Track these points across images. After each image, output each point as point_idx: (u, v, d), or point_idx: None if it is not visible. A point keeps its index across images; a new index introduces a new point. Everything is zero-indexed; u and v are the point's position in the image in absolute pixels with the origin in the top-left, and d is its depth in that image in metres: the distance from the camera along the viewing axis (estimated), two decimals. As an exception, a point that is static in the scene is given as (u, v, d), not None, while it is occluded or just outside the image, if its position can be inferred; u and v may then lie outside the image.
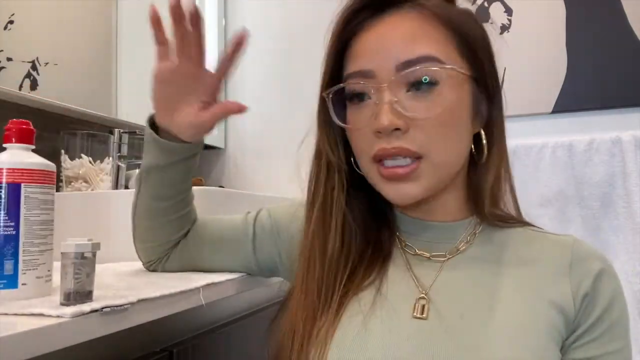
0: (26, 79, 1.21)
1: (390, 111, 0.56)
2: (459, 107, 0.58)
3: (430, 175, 0.58)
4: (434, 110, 0.56)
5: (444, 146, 0.57)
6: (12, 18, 1.17)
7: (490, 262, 0.60)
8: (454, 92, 0.57)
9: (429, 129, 0.56)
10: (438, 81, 0.56)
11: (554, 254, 0.60)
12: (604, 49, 1.59)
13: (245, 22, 2.00)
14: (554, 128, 1.63)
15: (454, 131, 0.58)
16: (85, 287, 0.51)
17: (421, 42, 0.56)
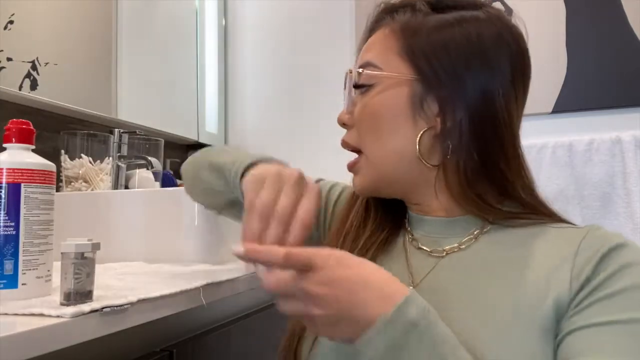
0: (26, 79, 1.21)
1: (346, 107, 0.65)
2: (389, 108, 0.61)
3: (368, 170, 0.63)
4: (365, 110, 0.62)
5: (375, 144, 0.62)
6: (12, 18, 1.17)
7: (489, 261, 0.59)
8: (385, 94, 0.61)
9: (362, 127, 0.63)
10: (372, 85, 0.62)
11: (562, 248, 0.56)
12: (604, 49, 1.59)
13: (245, 22, 2.00)
14: (554, 128, 1.63)
15: (383, 131, 0.61)
16: (85, 287, 0.51)
17: (369, 50, 0.64)
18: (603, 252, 0.53)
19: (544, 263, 0.56)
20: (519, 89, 0.67)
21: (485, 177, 0.60)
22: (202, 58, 1.90)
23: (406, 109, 0.60)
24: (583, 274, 0.52)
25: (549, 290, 0.53)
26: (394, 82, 0.61)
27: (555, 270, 0.54)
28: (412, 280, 0.60)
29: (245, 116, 1.98)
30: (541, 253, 0.57)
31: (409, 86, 0.60)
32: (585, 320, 0.50)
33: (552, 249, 0.57)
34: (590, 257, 0.53)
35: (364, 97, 0.63)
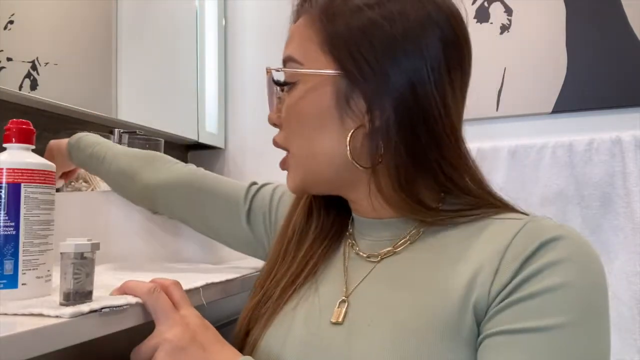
0: (26, 79, 1.21)
1: (273, 107, 0.64)
2: (314, 107, 0.58)
3: (297, 168, 0.61)
4: (289, 110, 0.60)
5: (300, 143, 0.60)
6: (12, 18, 1.17)
7: (419, 261, 0.55)
8: (309, 92, 0.58)
9: (287, 126, 0.61)
10: (296, 81, 0.59)
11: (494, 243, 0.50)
12: (604, 49, 1.59)
13: (245, 22, 2.00)
14: (554, 128, 1.63)
15: (310, 130, 0.59)
16: (84, 287, 0.51)
17: (289, 43, 0.61)
18: (532, 249, 0.47)
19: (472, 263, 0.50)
20: (455, 77, 0.56)
21: (420, 177, 0.55)
22: (202, 58, 1.90)
23: (332, 107, 0.56)
24: (506, 274, 0.47)
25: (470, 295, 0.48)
26: (316, 78, 0.57)
27: (480, 271, 0.49)
28: (346, 289, 0.58)
29: (245, 116, 1.98)
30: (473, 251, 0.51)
31: (333, 82, 0.56)
32: (498, 326, 0.46)
33: (485, 245, 0.51)
34: (518, 254, 0.47)
35: (288, 96, 0.60)
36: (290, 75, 0.60)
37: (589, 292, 0.45)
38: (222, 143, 1.97)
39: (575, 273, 0.45)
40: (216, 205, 0.80)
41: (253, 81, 1.98)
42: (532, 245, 0.47)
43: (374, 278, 0.58)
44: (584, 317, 0.44)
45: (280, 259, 0.66)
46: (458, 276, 0.50)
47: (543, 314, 0.44)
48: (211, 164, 1.98)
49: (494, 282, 0.47)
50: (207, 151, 1.96)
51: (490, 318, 0.46)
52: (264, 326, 0.61)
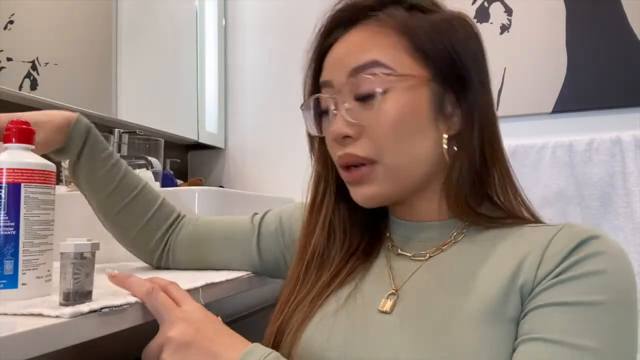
0: (26, 79, 1.21)
1: (341, 119, 0.59)
2: (412, 111, 0.58)
3: (385, 178, 0.59)
4: (382, 117, 0.58)
5: (395, 151, 0.58)
6: (12, 18, 1.17)
7: (465, 259, 0.59)
8: (405, 97, 0.58)
9: (379, 136, 0.58)
10: (387, 88, 0.58)
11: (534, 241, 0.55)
12: (604, 49, 1.59)
13: (245, 22, 2.00)
14: (554, 128, 1.63)
15: (407, 135, 0.58)
16: (84, 287, 0.51)
17: (368, 48, 0.59)
18: (573, 245, 0.52)
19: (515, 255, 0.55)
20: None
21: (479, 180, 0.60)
22: (202, 58, 1.90)
23: (428, 111, 0.59)
24: (551, 263, 0.52)
25: (516, 279, 0.53)
26: (412, 84, 0.58)
27: (525, 260, 0.54)
28: (394, 284, 0.60)
29: (245, 116, 1.98)
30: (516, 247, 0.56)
31: (428, 88, 0.58)
32: (544, 300, 0.51)
33: (524, 242, 0.56)
34: (561, 249, 0.52)
35: (377, 103, 0.58)
36: (383, 82, 0.58)
37: (625, 280, 0.51)
38: (222, 143, 1.97)
39: (614, 264, 0.51)
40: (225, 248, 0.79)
41: (253, 81, 1.98)
42: (574, 242, 0.52)
43: (422, 274, 0.60)
44: (619, 300, 0.50)
45: (301, 278, 0.65)
46: (503, 266, 0.55)
47: (584, 291, 0.50)
48: (211, 164, 1.98)
49: (539, 269, 0.52)
50: (207, 151, 1.96)
51: (536, 295, 0.52)
52: (298, 329, 0.60)
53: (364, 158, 0.59)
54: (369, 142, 0.59)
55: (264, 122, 1.95)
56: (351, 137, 0.59)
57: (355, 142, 0.59)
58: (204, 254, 0.80)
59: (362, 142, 0.59)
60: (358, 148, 0.59)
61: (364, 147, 0.59)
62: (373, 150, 0.59)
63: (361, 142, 0.59)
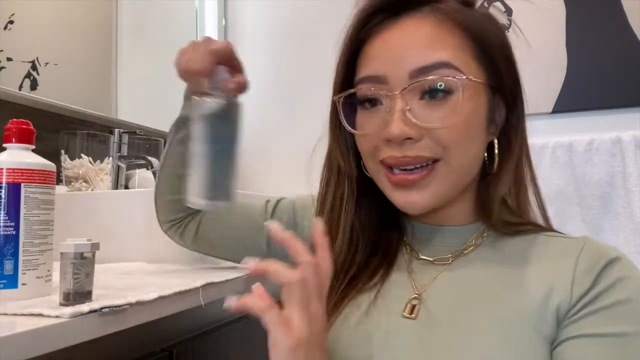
0: (26, 79, 1.21)
1: (401, 120, 0.54)
2: (474, 116, 0.56)
3: (448, 179, 0.57)
4: (449, 120, 0.54)
5: (456, 154, 0.56)
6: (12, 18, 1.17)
7: (491, 265, 0.59)
8: (470, 101, 0.55)
9: (443, 138, 0.55)
10: (453, 90, 0.54)
11: (562, 254, 0.56)
12: (604, 49, 1.59)
13: (245, 22, 2.00)
14: (554, 128, 1.63)
15: (468, 140, 0.56)
16: (84, 287, 0.51)
17: (437, 47, 0.54)
18: (602, 264, 0.53)
19: (545, 273, 0.55)
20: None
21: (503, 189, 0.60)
22: (202, 58, 1.90)
23: (484, 117, 0.58)
24: (583, 285, 0.53)
25: (550, 298, 0.53)
26: (476, 89, 0.56)
27: (557, 280, 0.54)
28: (416, 289, 0.59)
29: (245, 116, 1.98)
30: (541, 262, 0.57)
31: (485, 93, 0.57)
32: (578, 331, 0.51)
33: (551, 258, 0.57)
34: (591, 268, 0.53)
35: (443, 104, 0.54)
36: (452, 84, 0.54)
37: None
38: (222, 143, 1.97)
39: (638, 289, 0.53)
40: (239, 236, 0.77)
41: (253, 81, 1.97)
42: (600, 263, 0.53)
43: (445, 279, 0.59)
44: None
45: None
46: (532, 280, 0.55)
47: (615, 323, 0.51)
48: (211, 164, 1.98)
49: (572, 291, 0.53)
50: (207, 151, 1.96)
51: (570, 324, 0.52)
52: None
53: (428, 158, 0.55)
54: (431, 144, 0.55)
55: (264, 122, 1.95)
56: (412, 140, 0.55)
57: (416, 144, 0.55)
58: (211, 238, 0.78)
59: (424, 143, 0.55)
60: (421, 148, 0.55)
61: (426, 148, 0.55)
62: (436, 150, 0.55)
63: (423, 143, 0.55)
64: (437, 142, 0.55)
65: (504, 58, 0.58)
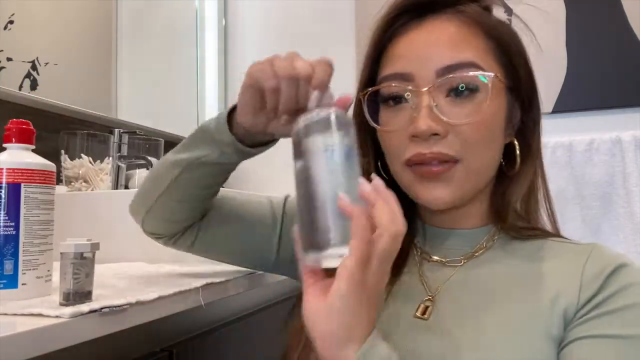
0: (26, 79, 1.21)
1: (428, 116, 0.55)
2: (497, 115, 0.58)
3: (464, 179, 0.57)
4: (475, 116, 0.55)
5: (480, 153, 0.57)
6: (12, 18, 1.17)
7: (501, 268, 0.59)
8: (494, 100, 0.56)
9: (468, 135, 0.56)
10: (479, 88, 0.56)
11: (569, 263, 0.57)
12: (604, 49, 1.59)
13: (245, 22, 2.00)
14: (554, 128, 1.62)
15: (490, 139, 0.58)
16: (84, 288, 0.51)
17: (463, 48, 0.56)
18: (610, 270, 0.54)
19: (554, 277, 0.56)
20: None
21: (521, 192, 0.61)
22: (202, 58, 1.90)
23: (503, 118, 0.59)
24: (590, 289, 0.54)
25: (558, 301, 0.54)
26: (499, 89, 0.57)
27: (565, 284, 0.55)
28: (429, 290, 0.59)
29: (245, 116, 1.98)
30: (550, 266, 0.58)
31: (506, 95, 0.59)
32: (586, 332, 0.52)
33: (560, 263, 0.58)
34: (598, 274, 0.54)
35: (468, 102, 0.56)
36: (478, 82, 0.56)
37: None
38: (222, 143, 1.97)
39: None
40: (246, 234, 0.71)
41: (253, 81, 1.98)
42: (609, 267, 0.54)
43: (457, 280, 0.59)
44: None
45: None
46: (541, 284, 0.56)
47: (623, 325, 0.52)
48: (211, 164, 1.98)
49: (580, 295, 0.54)
50: (207, 151, 1.96)
51: (577, 325, 0.53)
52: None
53: (451, 157, 0.56)
54: (456, 141, 0.56)
55: (264, 122, 1.95)
56: (439, 135, 0.55)
57: (442, 140, 0.56)
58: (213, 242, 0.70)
59: (449, 140, 0.56)
60: (446, 146, 0.56)
61: (451, 146, 0.56)
62: (460, 149, 0.56)
63: (448, 140, 0.56)
64: (462, 139, 0.56)
65: (522, 62, 0.60)
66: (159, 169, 0.66)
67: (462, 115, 0.55)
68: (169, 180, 0.64)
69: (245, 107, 0.56)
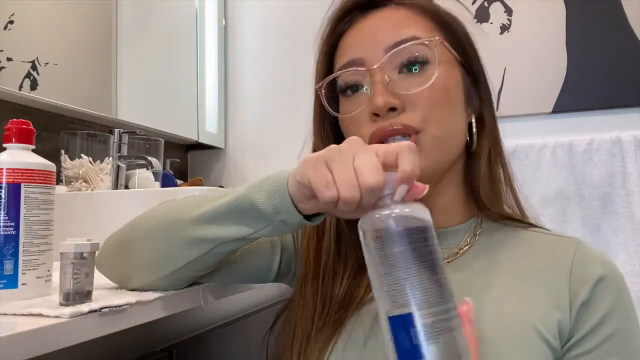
0: (26, 79, 1.21)
1: (384, 91, 0.57)
2: (452, 84, 0.60)
3: (430, 148, 0.57)
4: (430, 86, 0.57)
5: (441, 120, 0.58)
6: (12, 18, 1.17)
7: (488, 264, 0.59)
8: (446, 69, 0.59)
9: (425, 105, 0.57)
10: (428, 59, 0.58)
11: (555, 257, 0.58)
12: (604, 49, 1.59)
13: (245, 22, 2.00)
14: (554, 128, 1.63)
15: (450, 107, 0.59)
16: (84, 287, 0.51)
17: (407, 25, 0.59)
18: (595, 279, 0.56)
19: (539, 266, 0.58)
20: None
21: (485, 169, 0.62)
22: (202, 58, 1.90)
23: (462, 91, 0.61)
24: (579, 297, 0.55)
25: (552, 309, 0.55)
26: (450, 62, 0.60)
27: (553, 280, 0.57)
28: None
29: (245, 116, 1.98)
30: (533, 261, 0.59)
31: (459, 70, 0.61)
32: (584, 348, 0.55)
33: (544, 254, 0.59)
34: (585, 279, 0.56)
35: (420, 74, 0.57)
36: (427, 53, 0.58)
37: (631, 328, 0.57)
38: (222, 143, 1.97)
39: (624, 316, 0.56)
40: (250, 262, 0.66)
41: (253, 81, 1.98)
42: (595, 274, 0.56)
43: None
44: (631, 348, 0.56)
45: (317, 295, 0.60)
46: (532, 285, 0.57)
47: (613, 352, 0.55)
48: (211, 164, 1.98)
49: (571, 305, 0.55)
50: (207, 151, 1.96)
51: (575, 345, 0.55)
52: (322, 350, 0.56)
53: (412, 128, 0.56)
54: (415, 113, 0.57)
55: (264, 122, 1.95)
56: (396, 109, 0.57)
57: (401, 114, 0.57)
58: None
59: (407, 113, 0.57)
60: (407, 119, 0.57)
61: (412, 118, 0.57)
62: (420, 119, 0.57)
63: (407, 113, 0.57)
64: (420, 110, 0.57)
65: (469, 43, 0.62)
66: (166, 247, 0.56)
67: (416, 85, 0.57)
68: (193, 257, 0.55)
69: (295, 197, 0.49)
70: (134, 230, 0.60)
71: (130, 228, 0.61)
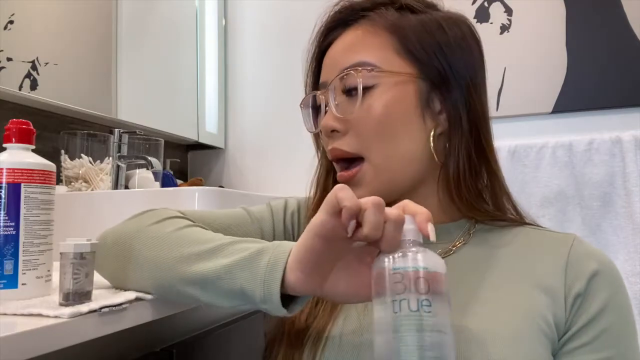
0: (26, 79, 1.21)
1: (330, 114, 0.61)
2: (399, 107, 0.59)
3: (373, 178, 0.59)
4: (366, 111, 0.59)
5: (382, 147, 0.59)
6: (12, 18, 1.17)
7: (481, 261, 0.60)
8: (390, 92, 0.59)
9: (365, 131, 0.59)
10: (373, 84, 0.59)
11: (551, 253, 0.59)
12: (604, 49, 1.59)
13: (245, 22, 2.00)
14: (554, 128, 1.63)
15: (394, 132, 0.59)
16: (84, 287, 0.51)
17: (358, 49, 0.61)
18: (590, 274, 0.57)
19: (535, 262, 0.58)
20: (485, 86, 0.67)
21: (471, 179, 0.61)
22: (202, 58, 1.90)
23: (415, 108, 0.60)
24: (573, 290, 0.56)
25: (548, 301, 0.56)
26: (399, 80, 0.59)
27: (548, 275, 0.57)
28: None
29: (245, 116, 1.98)
30: (530, 257, 0.59)
31: (414, 84, 0.60)
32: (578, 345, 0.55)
33: (541, 254, 0.59)
34: (581, 273, 0.57)
35: (364, 99, 0.59)
36: (368, 78, 0.59)
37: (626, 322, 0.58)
38: (222, 143, 1.97)
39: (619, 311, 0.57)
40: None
41: (253, 81, 1.98)
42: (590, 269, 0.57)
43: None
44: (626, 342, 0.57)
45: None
46: (529, 277, 0.57)
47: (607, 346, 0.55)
48: (211, 164, 1.98)
49: (566, 298, 0.56)
50: (207, 151, 1.96)
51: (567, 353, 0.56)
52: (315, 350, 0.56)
53: (349, 153, 0.60)
54: (354, 137, 0.60)
55: (264, 122, 1.95)
56: (339, 132, 0.60)
57: (342, 137, 0.60)
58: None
59: (348, 137, 0.60)
60: (345, 143, 0.60)
61: (350, 142, 0.60)
62: (359, 145, 0.60)
63: (348, 137, 0.60)
64: (358, 134, 0.59)
65: (435, 48, 0.60)
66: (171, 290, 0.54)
67: (355, 111, 0.59)
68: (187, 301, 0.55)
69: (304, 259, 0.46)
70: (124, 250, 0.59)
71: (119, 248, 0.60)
